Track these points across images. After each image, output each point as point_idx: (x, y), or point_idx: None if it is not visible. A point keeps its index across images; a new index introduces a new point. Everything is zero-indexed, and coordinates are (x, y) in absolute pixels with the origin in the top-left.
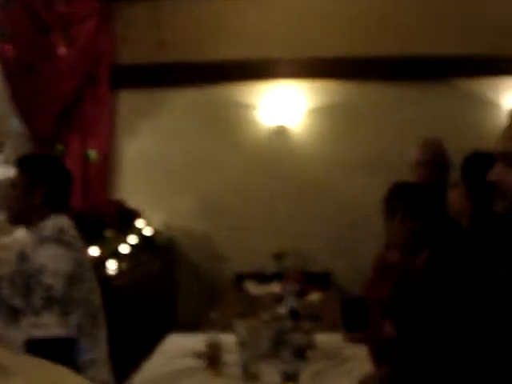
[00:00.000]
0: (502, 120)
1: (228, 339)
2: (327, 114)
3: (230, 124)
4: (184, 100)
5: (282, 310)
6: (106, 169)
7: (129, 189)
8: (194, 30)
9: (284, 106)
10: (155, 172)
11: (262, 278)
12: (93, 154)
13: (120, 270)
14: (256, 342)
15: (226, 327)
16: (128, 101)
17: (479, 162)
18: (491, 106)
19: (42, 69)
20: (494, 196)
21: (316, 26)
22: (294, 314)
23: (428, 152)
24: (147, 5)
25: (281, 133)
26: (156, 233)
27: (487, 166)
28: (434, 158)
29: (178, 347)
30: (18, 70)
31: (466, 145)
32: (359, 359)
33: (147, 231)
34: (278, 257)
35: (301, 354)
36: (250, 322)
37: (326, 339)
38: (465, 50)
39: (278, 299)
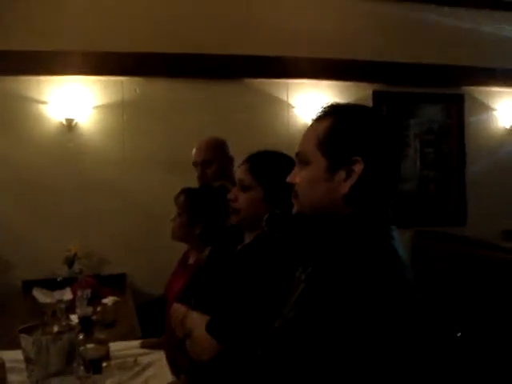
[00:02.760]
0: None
1: (14, 356)
2: (117, 110)
3: (16, 119)
4: None
5: (74, 318)
6: None
7: None
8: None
9: (72, 101)
10: None
11: (53, 284)
12: None
13: None
14: (45, 357)
15: (11, 342)
16: None
17: (270, 161)
18: (282, 105)
19: None
20: (292, 198)
21: (105, 20)
22: (85, 323)
23: (203, 152)
24: None
25: (71, 129)
26: None
27: (279, 165)
28: (210, 158)
29: None
30: None
31: (257, 143)
32: (158, 367)
33: None
34: (69, 261)
35: (96, 366)
36: (37, 336)
37: (123, 347)
38: (254, 52)
39: (70, 307)
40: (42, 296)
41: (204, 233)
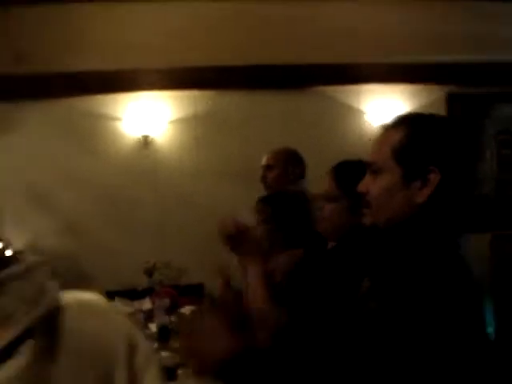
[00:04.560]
0: (364, 126)
1: None
2: (190, 123)
3: (93, 137)
4: (44, 114)
5: (153, 327)
6: None
7: None
8: (53, 40)
9: (147, 117)
10: (15, 189)
11: (134, 294)
12: None
13: None
14: None
15: None
16: None
17: (354, 171)
18: (353, 112)
19: None
20: (363, 208)
21: (176, 37)
22: (163, 332)
23: (267, 157)
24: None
25: (145, 144)
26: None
27: (363, 175)
28: (271, 163)
29: None
30: None
31: (330, 152)
32: None
33: (8, 253)
34: (149, 271)
35: (171, 374)
36: None
37: None
38: (325, 59)
39: (149, 316)
40: (123, 305)
41: (286, 239)
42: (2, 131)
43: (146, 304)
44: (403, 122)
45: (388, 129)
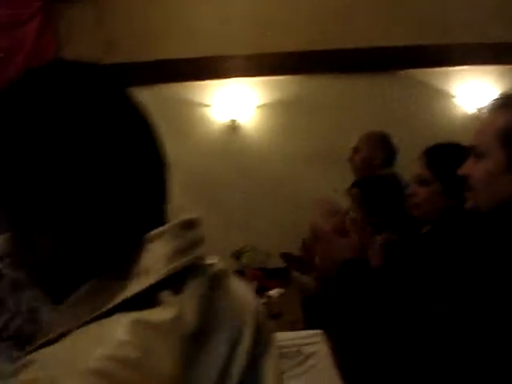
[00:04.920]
0: (454, 109)
1: None
2: (279, 108)
3: (182, 123)
4: None
5: None
6: None
7: None
8: (141, 28)
9: (235, 103)
10: None
11: None
12: None
13: None
14: None
15: None
16: None
17: (448, 154)
18: (443, 96)
19: None
20: (464, 191)
21: (263, 22)
22: None
23: (357, 141)
24: (91, 5)
25: (234, 130)
26: None
27: (457, 158)
28: (357, 146)
29: None
30: None
31: (419, 136)
32: (321, 357)
33: None
34: (237, 255)
35: None
36: None
37: (286, 337)
38: (414, 41)
39: None
40: None
41: (380, 224)
42: None
43: None
44: (509, 104)
45: (492, 111)
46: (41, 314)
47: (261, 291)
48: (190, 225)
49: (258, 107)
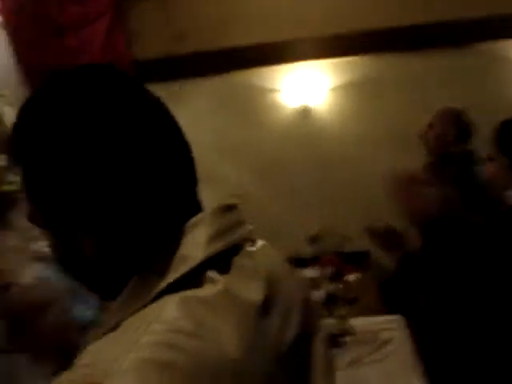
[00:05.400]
0: None
1: None
2: (350, 90)
3: (254, 109)
4: (206, 90)
5: (317, 294)
6: None
7: None
8: (209, 17)
9: (306, 87)
10: None
11: (298, 262)
12: None
13: None
14: None
15: None
16: None
17: None
18: None
19: None
20: None
21: (332, 3)
22: (329, 299)
23: (435, 120)
24: None
25: (305, 114)
26: None
27: None
28: (431, 122)
29: None
30: (38, 76)
31: (499, 112)
32: (398, 342)
33: None
34: (314, 239)
35: (336, 341)
36: None
37: (364, 322)
38: (488, 12)
39: (314, 284)
40: None
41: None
42: (170, 109)
43: (311, 272)
44: None
45: None
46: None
47: (337, 276)
48: (227, 209)
49: (331, 90)
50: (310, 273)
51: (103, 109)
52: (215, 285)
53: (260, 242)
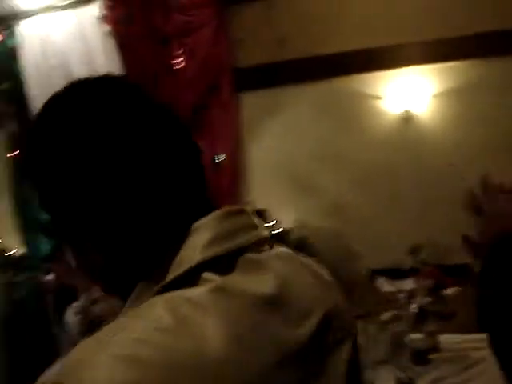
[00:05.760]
0: None
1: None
2: (453, 96)
3: (356, 116)
4: (307, 96)
5: (411, 307)
6: (234, 173)
7: (257, 191)
8: (311, 23)
9: (409, 93)
10: (282, 172)
11: (398, 273)
12: (221, 158)
13: None
14: (372, 345)
15: None
16: (252, 103)
17: None
18: None
19: (163, 82)
20: None
21: (435, 7)
22: (421, 313)
23: None
24: (261, 4)
25: (408, 120)
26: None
27: None
28: None
29: None
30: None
31: None
32: (490, 363)
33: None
34: (414, 250)
35: (422, 357)
36: (365, 325)
37: (454, 340)
38: None
39: (410, 296)
40: (385, 285)
41: None
42: (271, 116)
43: (409, 284)
44: None
45: None
46: None
47: (436, 289)
48: (233, 213)
49: (434, 96)
50: (407, 285)
51: (111, 122)
52: (208, 284)
53: (279, 247)
